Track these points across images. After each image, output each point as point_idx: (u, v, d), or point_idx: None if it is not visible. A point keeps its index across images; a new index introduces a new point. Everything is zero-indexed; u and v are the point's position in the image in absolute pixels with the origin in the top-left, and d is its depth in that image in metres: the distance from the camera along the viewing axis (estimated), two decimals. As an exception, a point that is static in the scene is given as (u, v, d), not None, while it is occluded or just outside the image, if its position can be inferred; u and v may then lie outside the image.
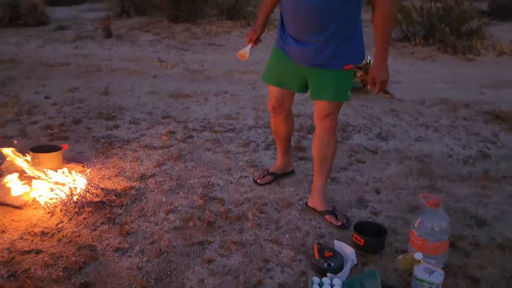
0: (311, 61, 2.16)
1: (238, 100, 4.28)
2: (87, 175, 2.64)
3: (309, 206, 2.39)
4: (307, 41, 2.11)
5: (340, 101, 2.25)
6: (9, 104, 3.88)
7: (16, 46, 6.51)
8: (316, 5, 1.98)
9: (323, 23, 2.03)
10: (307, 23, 2.06)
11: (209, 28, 7.78)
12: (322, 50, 2.10)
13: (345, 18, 2.04)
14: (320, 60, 2.13)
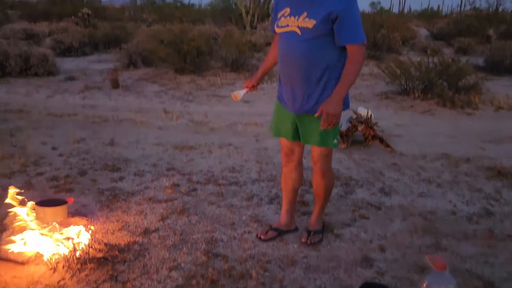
0: (299, 108, 2.35)
1: (242, 153, 4.34)
2: (91, 230, 2.63)
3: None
4: (295, 87, 2.32)
5: (325, 147, 2.41)
6: (16, 154, 3.94)
7: (26, 96, 6.68)
8: (298, 52, 2.21)
9: (306, 70, 2.23)
10: (291, 69, 2.28)
11: (213, 79, 8.02)
12: (308, 97, 2.30)
13: (328, 66, 2.23)
14: (307, 107, 2.32)
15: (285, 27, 2.27)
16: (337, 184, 3.57)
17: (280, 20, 2.30)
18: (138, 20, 19.80)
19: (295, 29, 2.22)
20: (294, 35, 2.22)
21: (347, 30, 2.13)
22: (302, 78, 2.27)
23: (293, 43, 2.24)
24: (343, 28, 2.13)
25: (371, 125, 4.44)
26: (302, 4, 2.19)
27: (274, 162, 4.07)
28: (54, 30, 14.32)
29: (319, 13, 2.13)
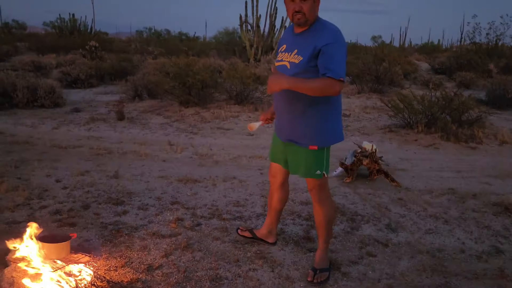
0: (286, 136, 2.55)
1: (246, 186, 4.32)
2: (94, 266, 2.59)
3: None
4: (283, 117, 2.52)
5: (311, 178, 2.56)
6: (20, 187, 3.93)
7: (32, 128, 6.74)
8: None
9: (291, 102, 2.42)
10: (280, 100, 2.50)
11: (218, 112, 8.08)
12: (294, 127, 2.47)
13: (312, 101, 2.36)
14: (292, 137, 2.50)
15: (280, 61, 2.50)
16: (342, 220, 3.53)
17: (278, 55, 2.55)
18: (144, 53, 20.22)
19: (286, 63, 2.44)
20: (284, 68, 2.43)
21: (327, 62, 2.22)
22: (288, 110, 2.45)
23: None
24: (325, 60, 2.24)
25: (376, 159, 4.44)
26: (295, 42, 2.42)
27: (278, 196, 4.04)
28: (61, 62, 14.63)
29: (308, 50, 2.31)
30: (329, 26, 2.35)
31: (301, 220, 3.51)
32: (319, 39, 2.28)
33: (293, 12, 2.35)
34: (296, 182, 4.47)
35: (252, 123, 2.73)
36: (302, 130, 2.43)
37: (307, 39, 2.34)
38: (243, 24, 17.34)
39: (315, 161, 2.48)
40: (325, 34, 2.29)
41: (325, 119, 2.42)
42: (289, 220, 3.52)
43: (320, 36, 2.30)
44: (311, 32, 2.36)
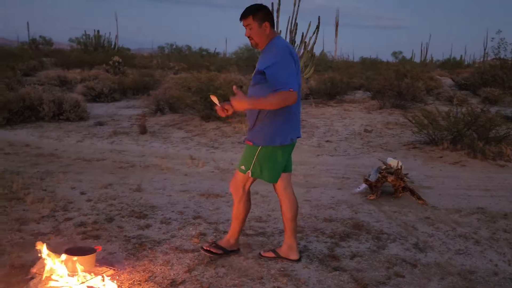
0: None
1: (269, 202, 4.28)
2: (118, 280, 2.58)
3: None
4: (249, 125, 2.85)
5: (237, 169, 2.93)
6: (45, 199, 3.98)
7: (57, 141, 6.87)
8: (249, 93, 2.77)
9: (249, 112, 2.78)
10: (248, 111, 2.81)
11: (239, 126, 8.10)
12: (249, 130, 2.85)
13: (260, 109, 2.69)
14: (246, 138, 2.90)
15: None
16: (368, 238, 3.45)
17: None
18: (165, 68, 20.55)
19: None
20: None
21: (275, 83, 2.59)
22: (248, 116, 2.84)
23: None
24: (272, 80, 2.62)
25: (402, 176, 4.34)
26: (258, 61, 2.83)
27: (301, 213, 3.98)
28: (86, 77, 14.98)
29: (257, 66, 2.75)
30: (270, 46, 2.74)
31: (325, 238, 3.44)
32: (261, 62, 2.70)
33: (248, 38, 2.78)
34: (319, 199, 4.41)
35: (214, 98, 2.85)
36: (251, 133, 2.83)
37: (260, 59, 2.80)
38: (263, 40, 17.50)
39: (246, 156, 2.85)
40: (266, 57, 2.70)
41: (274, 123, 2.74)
42: (313, 237, 3.45)
43: (262, 58, 2.74)
44: (262, 53, 2.80)
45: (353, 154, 6.58)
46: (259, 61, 2.77)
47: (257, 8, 2.73)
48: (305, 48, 17.13)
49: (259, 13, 2.72)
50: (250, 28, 2.72)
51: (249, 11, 2.72)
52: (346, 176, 5.32)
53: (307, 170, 5.62)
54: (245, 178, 2.91)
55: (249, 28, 2.72)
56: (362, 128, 8.37)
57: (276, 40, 2.76)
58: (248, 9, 2.73)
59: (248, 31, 2.73)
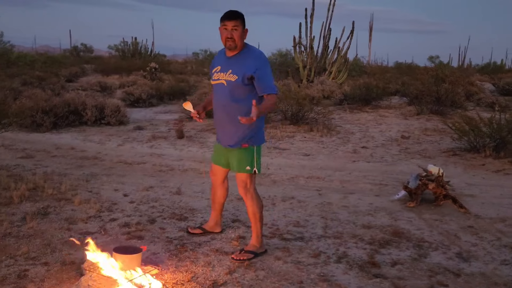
0: (228, 144, 3.05)
1: (306, 207, 4.29)
2: (162, 279, 2.67)
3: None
4: (225, 127, 3.02)
5: (242, 173, 3.06)
6: (91, 200, 4.16)
7: (99, 144, 7.14)
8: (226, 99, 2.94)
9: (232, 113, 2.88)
10: (222, 113, 2.99)
11: (273, 132, 8.15)
12: (233, 135, 2.99)
13: (249, 111, 2.76)
14: (232, 142, 3.02)
15: (217, 80, 3.03)
16: (408, 246, 3.40)
17: (214, 75, 3.05)
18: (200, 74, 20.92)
19: (223, 82, 2.97)
20: (221, 86, 2.98)
21: (265, 85, 2.90)
22: (230, 121, 2.93)
23: (222, 92, 2.98)
24: (261, 83, 2.90)
25: (443, 183, 4.26)
26: (229, 64, 2.96)
27: (339, 219, 3.98)
28: (124, 83, 15.47)
29: (240, 71, 2.89)
30: (254, 52, 2.96)
31: (364, 244, 3.42)
32: (249, 66, 2.87)
33: (226, 38, 2.88)
34: (357, 205, 4.38)
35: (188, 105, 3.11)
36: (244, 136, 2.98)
37: (239, 62, 2.92)
38: (296, 45, 17.49)
39: (247, 158, 3.03)
40: (252, 61, 2.89)
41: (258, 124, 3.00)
42: (352, 243, 3.44)
43: (249, 63, 2.89)
44: (240, 57, 2.94)
45: (390, 160, 6.48)
46: (240, 65, 2.91)
47: (241, 13, 2.93)
48: (338, 53, 17.07)
49: (243, 18, 2.92)
50: (236, 29, 2.86)
51: (238, 14, 2.90)
52: (383, 183, 5.26)
53: (344, 176, 5.59)
54: (251, 177, 3.12)
55: (235, 29, 2.86)
56: (399, 134, 8.23)
57: (253, 47, 3.01)
58: (237, 12, 2.90)
59: (231, 32, 2.86)
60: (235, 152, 3.05)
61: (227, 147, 3.09)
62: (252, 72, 2.88)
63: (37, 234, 3.37)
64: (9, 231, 3.40)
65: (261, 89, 2.91)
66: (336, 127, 8.83)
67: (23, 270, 2.81)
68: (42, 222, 3.61)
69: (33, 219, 3.62)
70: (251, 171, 3.07)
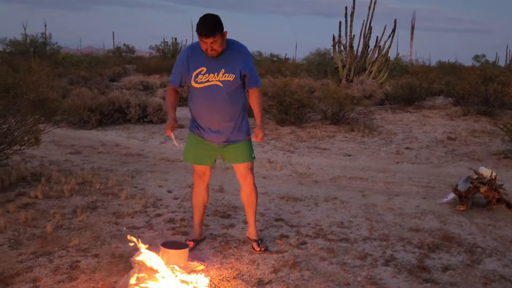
0: (227, 141, 3.02)
1: (349, 208, 4.20)
2: (208, 275, 2.68)
3: (247, 236, 3.30)
4: (221, 128, 2.96)
5: (250, 161, 3.13)
6: (137, 195, 4.25)
7: (142, 142, 7.32)
8: (224, 100, 2.88)
9: (232, 112, 2.93)
10: (219, 114, 2.91)
11: (313, 132, 8.07)
12: (234, 130, 3.00)
13: (243, 106, 2.98)
14: (234, 138, 3.02)
15: (205, 82, 2.85)
16: (460, 251, 3.26)
17: (198, 77, 2.85)
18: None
19: (216, 83, 2.85)
20: (216, 87, 2.85)
21: (253, 80, 2.96)
22: (229, 119, 2.94)
23: (216, 93, 2.86)
24: (251, 78, 2.95)
25: (496, 187, 4.05)
26: (218, 64, 2.82)
27: (385, 221, 3.87)
28: (165, 82, 15.79)
29: (235, 69, 2.84)
30: (239, 47, 2.89)
31: (412, 248, 3.31)
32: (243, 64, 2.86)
33: (206, 49, 2.75)
34: (403, 207, 4.25)
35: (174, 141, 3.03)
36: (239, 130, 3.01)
37: (229, 60, 2.82)
38: (336, 45, 17.25)
39: (250, 148, 3.12)
40: (243, 57, 2.87)
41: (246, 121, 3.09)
42: (399, 246, 3.33)
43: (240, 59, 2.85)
44: (228, 54, 2.82)
45: (437, 162, 6.25)
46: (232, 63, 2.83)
47: (218, 22, 2.70)
48: (379, 53, 16.69)
49: (221, 25, 2.71)
50: (215, 42, 2.69)
51: (215, 27, 2.67)
52: (430, 185, 5.07)
53: (387, 177, 5.44)
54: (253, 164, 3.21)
55: (214, 41, 2.69)
56: (445, 135, 7.93)
57: (233, 40, 2.90)
58: (212, 26, 2.67)
59: (211, 46, 2.71)
60: (239, 145, 3.05)
61: (223, 144, 3.03)
62: (248, 69, 2.89)
63: (87, 227, 3.48)
64: (61, 223, 3.53)
65: (252, 83, 2.97)
66: (377, 127, 8.63)
67: (75, 261, 2.91)
68: (91, 216, 3.73)
69: (83, 212, 3.74)
70: (254, 159, 3.19)
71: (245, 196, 3.24)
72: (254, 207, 3.25)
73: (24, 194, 4.15)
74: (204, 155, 3.12)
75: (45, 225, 3.43)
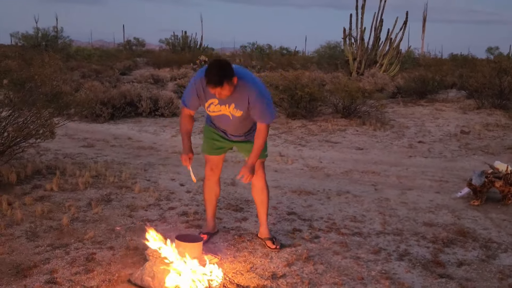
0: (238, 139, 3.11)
1: (362, 202, 4.19)
2: (222, 268, 2.69)
3: (258, 236, 3.26)
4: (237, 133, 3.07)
5: (262, 158, 3.14)
6: (150, 189, 4.28)
7: (154, 135, 7.36)
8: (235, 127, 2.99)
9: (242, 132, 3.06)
10: (232, 130, 3.04)
11: (324, 125, 8.03)
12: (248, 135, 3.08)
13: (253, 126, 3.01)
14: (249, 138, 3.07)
15: (217, 111, 2.91)
16: (475, 246, 3.23)
17: (210, 107, 2.90)
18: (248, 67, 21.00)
19: (227, 113, 2.90)
20: (226, 118, 2.92)
21: (260, 116, 2.86)
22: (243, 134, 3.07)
23: (229, 121, 2.94)
24: (259, 114, 2.85)
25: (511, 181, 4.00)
26: (228, 100, 2.81)
27: (398, 215, 3.85)
28: (175, 76, 15.84)
29: (244, 107, 2.82)
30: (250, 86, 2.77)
31: (426, 242, 3.29)
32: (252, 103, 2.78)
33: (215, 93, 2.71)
34: (416, 202, 4.22)
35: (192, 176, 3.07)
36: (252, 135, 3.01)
37: (238, 99, 2.79)
38: (346, 37, 17.09)
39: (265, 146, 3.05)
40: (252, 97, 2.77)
41: None
42: (413, 241, 3.31)
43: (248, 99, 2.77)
44: (237, 93, 2.76)
45: (450, 156, 6.19)
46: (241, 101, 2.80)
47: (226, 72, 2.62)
48: (390, 45, 16.51)
49: (229, 74, 2.63)
50: (223, 89, 2.65)
51: (222, 79, 2.61)
52: (444, 179, 5.03)
53: (400, 171, 5.41)
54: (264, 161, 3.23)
55: (222, 90, 2.64)
56: (458, 129, 7.84)
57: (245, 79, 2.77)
58: (219, 78, 2.60)
59: (219, 93, 2.67)
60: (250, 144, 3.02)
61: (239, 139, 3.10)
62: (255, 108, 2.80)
63: (102, 220, 3.52)
64: (76, 215, 3.58)
65: (259, 118, 2.87)
66: (389, 121, 8.56)
67: (91, 253, 2.95)
68: (105, 208, 3.76)
69: (97, 205, 3.78)
70: (267, 155, 3.21)
71: (256, 194, 3.22)
72: (266, 206, 3.23)
73: (40, 187, 4.21)
74: (219, 146, 3.17)
75: (61, 217, 3.47)
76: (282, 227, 3.51)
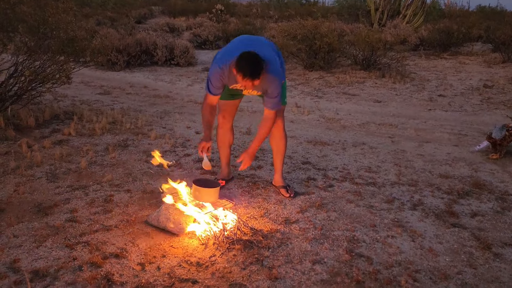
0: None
1: (378, 153, 4.16)
2: (236, 213, 2.75)
3: (273, 184, 3.29)
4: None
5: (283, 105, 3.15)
6: (166, 135, 4.32)
7: (170, 84, 7.32)
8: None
9: None
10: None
11: (342, 77, 7.86)
12: None
13: None
14: None
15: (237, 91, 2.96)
16: (490, 198, 3.21)
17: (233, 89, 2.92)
18: (265, 17, 20.40)
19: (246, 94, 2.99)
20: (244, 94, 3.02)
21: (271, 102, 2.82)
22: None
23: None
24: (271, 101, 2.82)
25: (534, 136, 3.89)
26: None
27: (414, 167, 3.82)
28: (191, 25, 15.51)
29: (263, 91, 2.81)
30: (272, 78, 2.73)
31: (441, 193, 3.28)
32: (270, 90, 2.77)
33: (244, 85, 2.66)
34: (433, 154, 4.17)
35: (204, 164, 2.92)
36: None
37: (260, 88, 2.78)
38: (369, -14, 16.32)
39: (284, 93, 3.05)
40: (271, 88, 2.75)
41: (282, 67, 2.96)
42: (428, 191, 3.30)
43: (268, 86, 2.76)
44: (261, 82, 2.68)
45: (471, 110, 6.04)
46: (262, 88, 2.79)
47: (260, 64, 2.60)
48: (416, -5, 15.72)
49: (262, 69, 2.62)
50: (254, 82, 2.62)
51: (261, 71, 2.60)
52: (463, 133, 4.93)
53: (418, 124, 5.31)
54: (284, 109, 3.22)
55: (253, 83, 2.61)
56: (481, 83, 7.59)
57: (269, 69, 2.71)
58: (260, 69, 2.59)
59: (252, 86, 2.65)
60: None
61: None
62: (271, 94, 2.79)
63: (119, 164, 3.59)
64: (94, 159, 3.65)
65: (268, 105, 2.84)
66: (410, 73, 8.32)
67: (109, 195, 3.03)
68: (122, 153, 3.82)
69: (114, 150, 3.84)
70: (286, 103, 3.21)
71: (274, 142, 3.20)
72: (283, 154, 3.22)
73: (58, 131, 4.28)
74: (233, 93, 3.11)
75: (79, 160, 3.55)
76: (297, 176, 3.53)
